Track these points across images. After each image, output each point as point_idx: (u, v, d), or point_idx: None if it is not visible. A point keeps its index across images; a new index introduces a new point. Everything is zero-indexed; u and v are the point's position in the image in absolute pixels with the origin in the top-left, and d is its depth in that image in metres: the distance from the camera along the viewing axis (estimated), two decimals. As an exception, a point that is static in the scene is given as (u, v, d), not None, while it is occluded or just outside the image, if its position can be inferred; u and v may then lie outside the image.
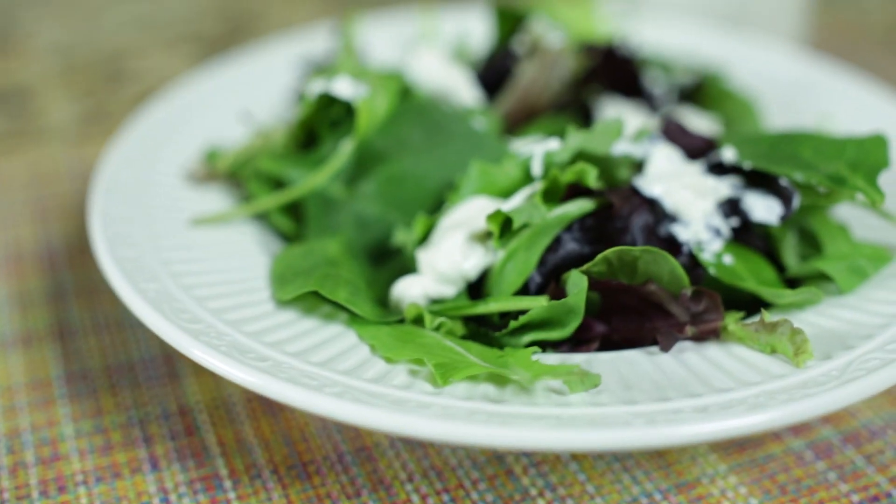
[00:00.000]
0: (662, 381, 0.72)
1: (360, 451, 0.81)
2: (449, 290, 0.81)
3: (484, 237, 0.82)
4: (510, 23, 1.10)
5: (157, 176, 0.95)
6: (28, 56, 1.49)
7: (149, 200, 0.92)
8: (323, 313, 0.80)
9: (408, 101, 0.93)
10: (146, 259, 0.83)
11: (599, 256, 0.77)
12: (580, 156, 0.84)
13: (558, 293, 0.79)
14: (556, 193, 0.83)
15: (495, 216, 0.78)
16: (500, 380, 0.72)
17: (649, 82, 1.08)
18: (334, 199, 0.91)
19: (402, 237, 0.87)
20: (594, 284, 0.78)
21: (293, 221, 0.93)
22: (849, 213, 0.92)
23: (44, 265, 1.05)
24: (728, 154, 0.86)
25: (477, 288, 0.83)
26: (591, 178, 0.81)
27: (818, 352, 0.74)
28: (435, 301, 0.82)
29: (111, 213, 0.89)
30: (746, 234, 0.86)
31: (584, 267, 0.78)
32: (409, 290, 0.81)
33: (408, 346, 0.75)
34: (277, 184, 0.94)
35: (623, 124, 0.86)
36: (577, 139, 0.84)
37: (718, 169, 0.87)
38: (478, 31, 1.25)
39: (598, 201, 0.82)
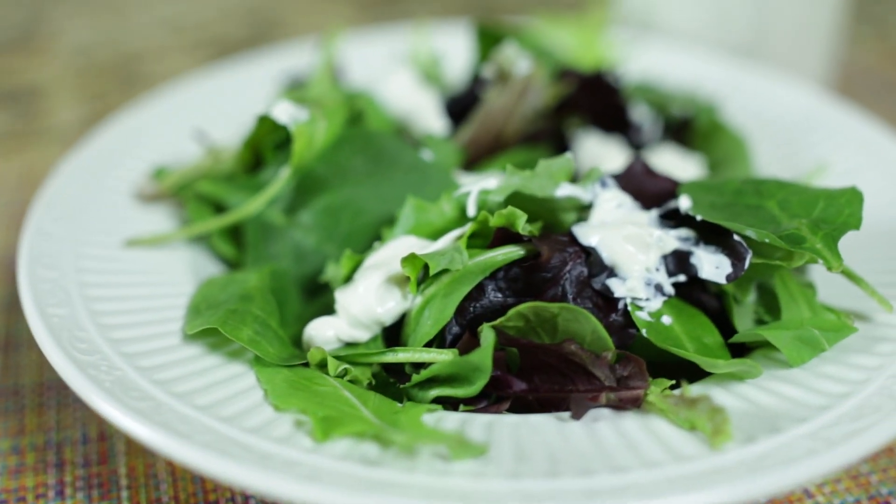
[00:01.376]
0: (561, 453, 0.66)
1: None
2: (362, 335, 0.77)
3: (403, 280, 0.77)
4: (492, 44, 1.04)
5: (104, 193, 0.93)
6: (48, 55, 1.49)
7: (88, 218, 0.89)
8: (229, 350, 0.76)
9: (353, 127, 0.88)
10: (65, 280, 0.81)
11: (513, 311, 0.72)
12: (518, 197, 0.79)
13: (472, 346, 0.73)
14: (487, 237, 0.78)
15: (410, 260, 0.74)
16: (384, 440, 0.67)
17: (637, 115, 1.01)
18: (273, 227, 0.87)
19: (331, 273, 0.83)
20: (508, 341, 0.73)
21: (235, 247, 0.90)
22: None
23: (7, 273, 1.04)
24: (683, 203, 0.80)
25: (397, 334, 0.79)
26: (521, 223, 0.76)
27: (741, 433, 0.67)
28: (349, 345, 0.77)
29: (45, 228, 0.87)
30: (696, 292, 0.79)
31: (498, 321, 0.72)
32: (321, 332, 0.77)
33: (299, 394, 0.71)
34: (218, 207, 0.90)
35: (571, 165, 0.80)
36: (514, 179, 0.79)
37: (672, 218, 0.80)
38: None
39: (527, 249, 0.76)
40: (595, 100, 0.99)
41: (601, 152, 0.98)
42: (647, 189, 0.86)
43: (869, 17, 1.54)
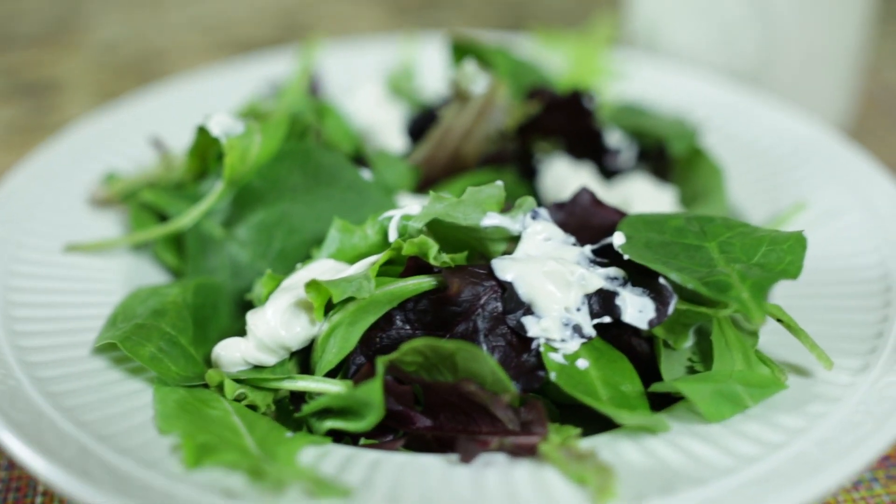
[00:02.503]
0: (438, 498, 0.63)
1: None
2: (269, 359, 0.74)
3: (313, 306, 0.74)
4: (481, 57, 1.01)
5: (58, 196, 0.93)
6: (75, 50, 1.51)
7: (34, 221, 0.89)
8: (134, 367, 0.75)
9: (293, 142, 0.86)
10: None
11: (406, 346, 0.69)
12: (440, 225, 0.75)
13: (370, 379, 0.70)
14: (404, 265, 0.75)
15: (313, 286, 0.71)
16: (257, 472, 0.65)
17: (612, 141, 0.96)
18: (212, 239, 0.86)
19: (256, 291, 0.81)
20: (403, 377, 0.70)
21: (179, 258, 0.88)
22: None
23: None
24: (616, 239, 0.75)
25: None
26: (433, 252, 0.72)
27: (631, 491, 0.63)
28: (255, 368, 0.75)
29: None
30: (626, 335, 0.74)
31: (393, 355, 0.69)
32: (229, 353, 0.75)
33: (186, 417, 0.69)
34: (162, 216, 0.89)
35: (501, 193, 0.76)
36: (437, 206, 0.75)
37: (607, 255, 0.76)
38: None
39: (439, 280, 0.73)
40: (568, 122, 0.95)
41: (570, 178, 0.94)
42: (593, 221, 0.82)
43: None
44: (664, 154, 0.95)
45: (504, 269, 0.73)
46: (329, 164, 0.84)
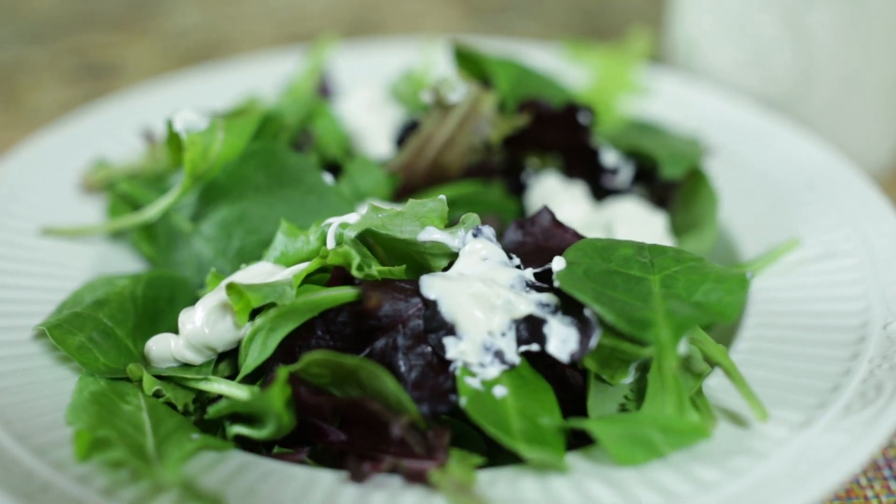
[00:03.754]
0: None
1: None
2: (195, 358, 0.74)
3: (242, 307, 0.73)
4: (471, 67, 0.98)
5: (51, 179, 0.95)
6: (145, 35, 1.55)
7: (17, 202, 0.91)
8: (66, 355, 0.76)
9: (262, 142, 0.85)
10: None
11: (307, 358, 0.67)
12: (377, 236, 0.73)
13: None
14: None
15: (233, 289, 0.70)
16: (142, 472, 0.64)
17: (609, 159, 0.92)
18: (181, 232, 0.86)
19: (205, 289, 0.81)
20: (306, 388, 0.68)
21: (154, 249, 0.89)
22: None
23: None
24: (556, 264, 0.72)
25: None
26: (354, 263, 0.71)
27: (508, 531, 0.60)
28: (184, 365, 0.75)
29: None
30: (558, 366, 0.71)
31: (296, 366, 0.68)
32: (159, 348, 0.75)
33: (96, 409, 0.69)
34: (137, 207, 0.90)
35: (444, 208, 0.74)
36: (374, 217, 0.73)
37: (546, 280, 0.73)
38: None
39: (361, 293, 0.71)
40: (561, 137, 0.92)
41: (559, 196, 0.90)
42: (550, 243, 0.79)
43: None
44: (653, 178, 0.90)
45: (429, 286, 0.71)
46: (293, 166, 0.84)
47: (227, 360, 0.76)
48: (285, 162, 0.84)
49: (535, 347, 0.70)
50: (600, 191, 0.94)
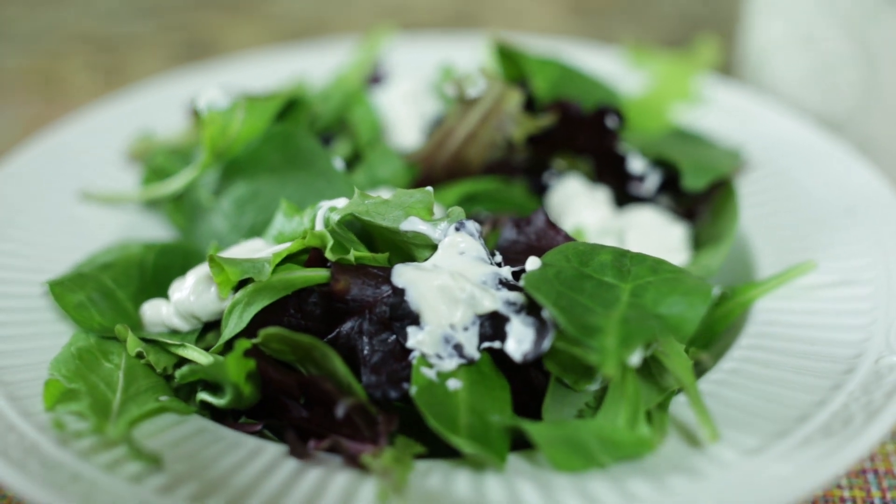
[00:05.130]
0: (237, 484, 0.63)
1: None
2: (182, 325, 0.77)
3: (227, 280, 0.76)
4: (512, 64, 0.98)
5: (98, 147, 1.00)
6: (250, 16, 1.60)
7: (69, 166, 0.97)
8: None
9: (284, 125, 0.88)
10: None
11: (263, 332, 0.69)
12: (362, 223, 0.75)
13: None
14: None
15: (214, 262, 0.73)
16: (98, 427, 0.67)
17: (636, 166, 0.91)
18: (202, 207, 0.90)
19: (210, 261, 0.84)
20: (272, 364, 0.70)
21: (182, 220, 0.93)
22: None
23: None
24: (529, 264, 0.71)
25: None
26: (329, 246, 0.72)
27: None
28: (174, 332, 0.78)
29: (30, 163, 0.96)
30: (523, 365, 0.71)
31: (255, 340, 0.70)
32: (152, 312, 0.78)
33: (76, 364, 0.73)
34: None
35: (430, 199, 0.74)
36: (360, 203, 0.75)
37: (519, 279, 0.72)
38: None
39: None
40: (587, 141, 0.91)
41: (580, 199, 0.89)
42: (542, 243, 0.78)
43: None
44: (675, 187, 0.88)
45: (400, 274, 0.71)
46: (307, 149, 0.86)
47: (213, 331, 0.78)
48: (300, 145, 0.86)
49: (497, 345, 0.69)
50: (626, 197, 0.92)
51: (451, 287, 0.70)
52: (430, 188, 0.74)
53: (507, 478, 0.64)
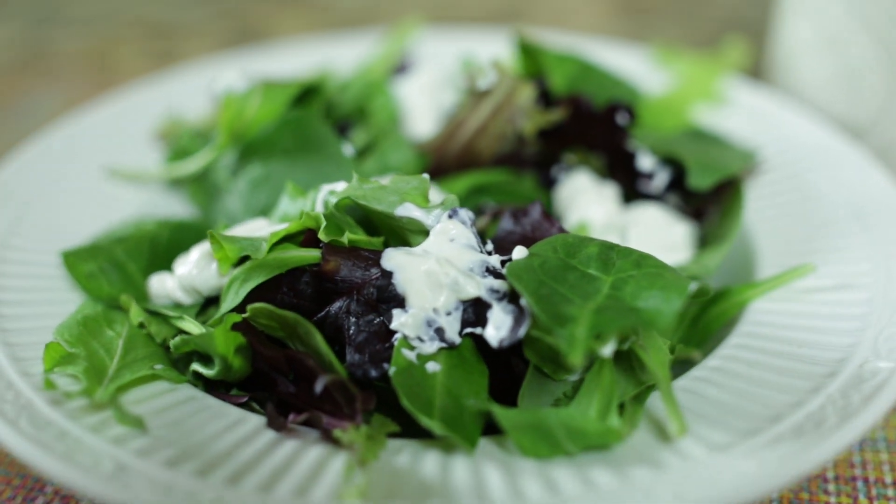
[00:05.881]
0: (210, 453, 0.66)
1: None
2: (185, 299, 0.80)
3: (229, 256, 0.79)
4: (533, 58, 0.99)
5: (129, 127, 1.04)
6: (300, 10, 1.63)
7: (99, 142, 1.01)
8: (86, 280, 0.83)
9: (300, 110, 0.90)
10: (17, 185, 0.93)
11: (251, 307, 0.72)
12: (359, 207, 0.77)
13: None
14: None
15: (214, 239, 0.76)
16: (88, 391, 0.70)
17: (645, 164, 0.91)
18: (219, 188, 0.93)
19: (223, 240, 0.87)
20: (252, 337, 0.72)
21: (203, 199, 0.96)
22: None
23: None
24: (516, 253, 0.73)
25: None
26: (322, 227, 0.74)
27: (380, 492, 0.62)
28: (177, 305, 0.81)
29: (63, 136, 1.00)
30: (504, 352, 0.72)
31: (245, 315, 0.72)
32: (158, 285, 0.81)
33: (79, 329, 0.77)
34: (196, 159, 0.97)
35: (426, 185, 0.76)
36: (357, 187, 0.77)
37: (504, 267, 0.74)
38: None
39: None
40: (598, 137, 0.91)
41: (587, 194, 0.90)
42: (536, 234, 0.79)
43: None
44: (681, 186, 0.89)
45: (389, 258, 0.73)
46: (318, 135, 0.88)
47: (215, 305, 0.81)
48: (313, 131, 0.89)
49: (478, 330, 0.71)
50: (635, 194, 0.93)
51: (437, 272, 0.71)
52: (426, 175, 0.76)
53: (474, 461, 0.66)
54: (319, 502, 0.62)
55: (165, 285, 0.81)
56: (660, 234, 0.87)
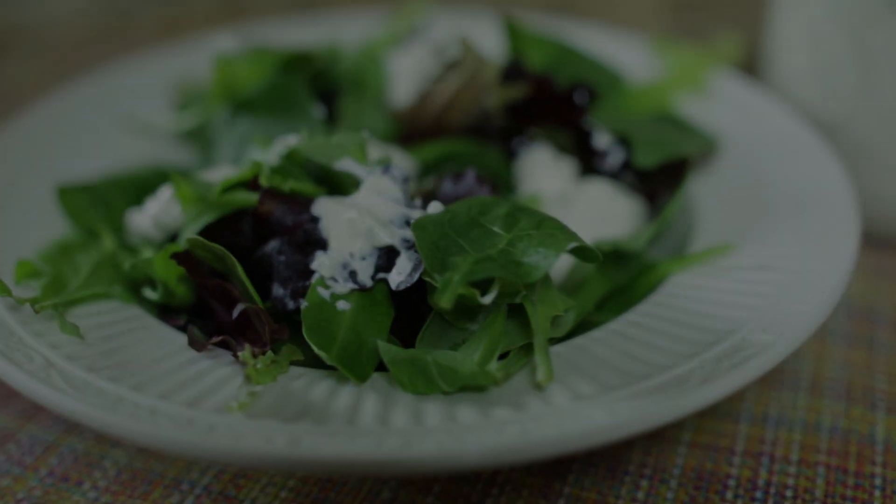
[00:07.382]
0: (130, 363, 0.74)
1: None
2: (156, 234, 0.89)
3: (192, 197, 0.87)
4: (519, 39, 1.05)
5: (145, 85, 1.14)
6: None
7: (119, 95, 1.11)
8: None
9: (289, 76, 0.98)
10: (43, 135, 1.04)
11: (189, 239, 0.79)
12: (302, 159, 0.84)
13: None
14: (260, 182, 0.85)
15: (174, 178, 0.84)
16: (43, 297, 0.80)
17: (601, 142, 0.96)
18: (214, 140, 1.02)
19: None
20: (203, 269, 0.80)
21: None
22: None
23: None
24: (431, 207, 0.79)
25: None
26: (263, 174, 0.82)
27: (270, 410, 0.69)
28: (150, 240, 0.90)
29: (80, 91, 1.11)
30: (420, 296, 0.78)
31: (183, 246, 0.80)
32: (133, 220, 0.90)
33: (57, 252, 0.88)
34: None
35: (363, 142, 0.83)
36: (308, 142, 0.84)
37: (423, 219, 0.80)
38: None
39: (263, 200, 0.82)
40: (557, 114, 0.96)
41: (544, 167, 0.95)
42: (470, 196, 0.85)
43: None
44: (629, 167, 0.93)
45: (319, 205, 0.81)
46: (297, 98, 0.96)
47: (181, 241, 0.90)
48: (292, 94, 0.97)
49: (386, 275, 0.77)
50: (594, 171, 0.97)
51: (356, 220, 0.78)
52: (366, 132, 0.83)
53: (358, 390, 0.72)
54: (207, 412, 0.69)
55: (139, 221, 0.90)
56: (603, 207, 0.91)
